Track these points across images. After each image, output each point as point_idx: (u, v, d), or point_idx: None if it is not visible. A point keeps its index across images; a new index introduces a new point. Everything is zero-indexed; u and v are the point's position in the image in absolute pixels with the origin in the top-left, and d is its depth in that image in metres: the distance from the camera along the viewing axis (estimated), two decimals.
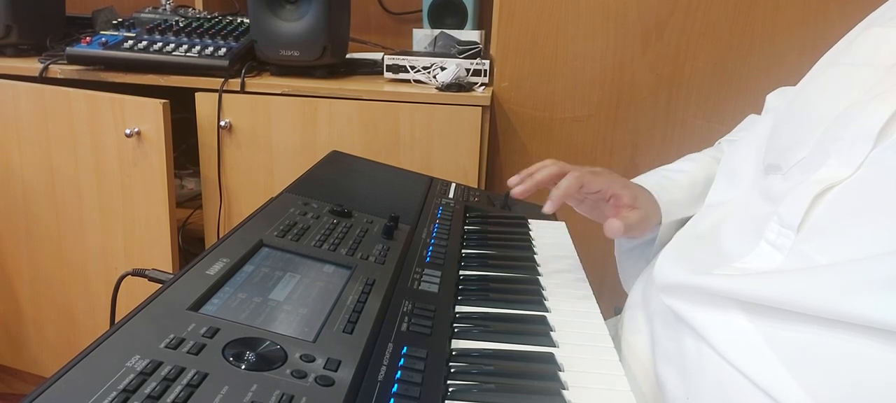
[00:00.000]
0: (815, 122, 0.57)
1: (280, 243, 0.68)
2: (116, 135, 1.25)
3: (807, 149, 0.57)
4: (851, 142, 0.52)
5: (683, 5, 1.27)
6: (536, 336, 0.62)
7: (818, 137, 0.56)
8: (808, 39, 1.24)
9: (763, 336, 0.50)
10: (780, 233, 0.55)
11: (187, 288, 0.55)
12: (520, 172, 0.79)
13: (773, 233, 0.55)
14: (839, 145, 0.53)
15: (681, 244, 0.69)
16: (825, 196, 0.52)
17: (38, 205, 1.37)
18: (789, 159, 0.58)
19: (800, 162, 0.57)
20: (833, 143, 0.53)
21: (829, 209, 0.51)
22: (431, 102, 1.26)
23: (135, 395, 0.41)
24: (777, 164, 0.60)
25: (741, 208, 0.65)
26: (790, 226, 0.54)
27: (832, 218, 0.51)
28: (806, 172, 0.55)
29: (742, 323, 0.52)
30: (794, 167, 0.57)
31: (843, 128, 0.53)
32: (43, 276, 1.43)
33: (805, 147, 0.57)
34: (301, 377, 0.46)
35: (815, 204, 0.52)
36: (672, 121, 1.33)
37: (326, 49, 1.30)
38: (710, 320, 0.55)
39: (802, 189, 0.54)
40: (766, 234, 0.56)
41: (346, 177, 1.02)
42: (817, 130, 0.56)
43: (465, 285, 0.72)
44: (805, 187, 0.53)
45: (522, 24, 1.33)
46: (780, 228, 0.55)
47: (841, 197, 0.51)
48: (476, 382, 0.53)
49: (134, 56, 1.33)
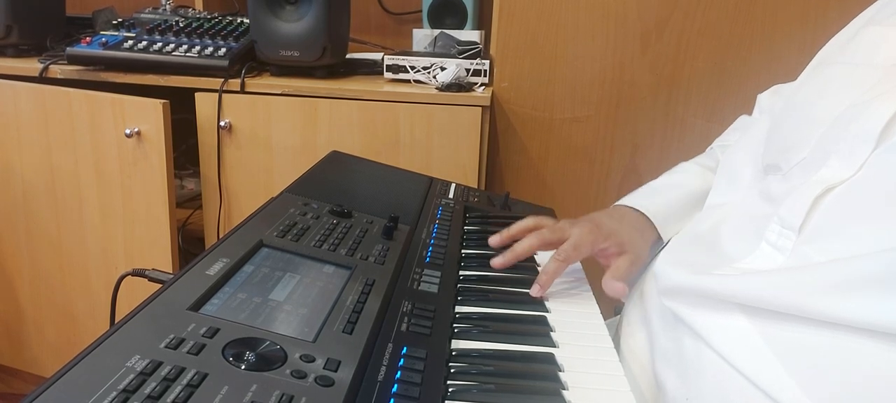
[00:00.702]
0: (814, 123, 0.57)
1: (280, 243, 0.68)
2: (116, 135, 1.26)
3: (807, 150, 0.56)
4: (853, 143, 0.52)
5: (683, 5, 1.27)
6: (536, 337, 0.62)
7: (818, 137, 0.56)
8: (807, 39, 1.24)
9: (762, 336, 0.50)
10: (780, 235, 0.54)
11: (187, 288, 0.55)
12: (501, 232, 0.78)
13: (773, 235, 0.55)
14: (840, 146, 0.53)
15: (680, 246, 0.69)
16: (826, 197, 0.52)
17: (38, 205, 1.37)
18: (789, 160, 0.58)
19: (800, 162, 0.57)
20: (834, 144, 0.53)
21: (830, 210, 0.51)
22: (431, 102, 1.26)
23: (135, 395, 0.41)
24: (777, 165, 0.60)
25: (740, 209, 0.65)
26: (791, 228, 0.53)
27: (834, 220, 0.51)
28: (806, 173, 0.55)
29: (742, 323, 0.52)
30: (795, 167, 0.57)
31: (844, 129, 0.53)
32: (43, 276, 1.43)
33: (805, 147, 0.57)
34: (301, 377, 0.46)
35: (816, 205, 0.52)
36: (672, 121, 1.33)
37: (326, 49, 1.30)
38: (710, 321, 0.55)
39: (803, 189, 0.53)
40: (766, 235, 0.56)
41: (346, 177, 1.02)
42: (817, 130, 0.56)
43: (464, 285, 0.72)
44: (806, 188, 0.53)
45: (522, 24, 1.33)
46: (780, 229, 0.55)
47: (842, 198, 0.51)
48: (476, 382, 0.53)
49: (134, 56, 1.33)
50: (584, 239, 0.72)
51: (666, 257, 0.67)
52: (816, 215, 0.52)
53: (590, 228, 0.73)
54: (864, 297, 0.44)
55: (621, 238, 0.73)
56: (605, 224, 0.74)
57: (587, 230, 0.73)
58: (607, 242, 0.72)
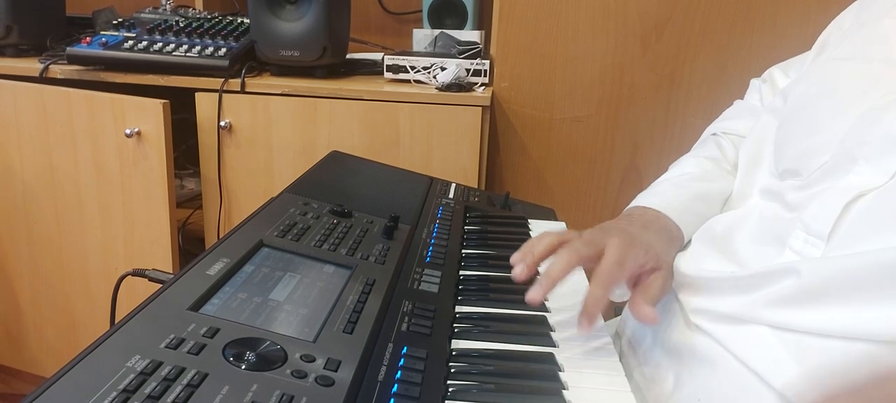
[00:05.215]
0: (832, 124, 0.55)
1: (280, 243, 0.68)
2: (116, 136, 1.25)
3: (828, 154, 0.54)
4: (882, 148, 0.49)
5: (683, 5, 1.27)
6: (536, 337, 0.62)
7: (840, 141, 0.53)
8: (807, 39, 1.23)
9: (780, 340, 0.50)
10: (807, 241, 0.52)
11: (187, 288, 0.55)
12: (522, 250, 0.63)
13: (799, 242, 0.53)
14: (867, 150, 0.50)
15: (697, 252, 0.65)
16: (856, 204, 0.50)
17: (38, 205, 1.37)
18: (808, 164, 0.55)
19: (821, 167, 0.54)
20: (859, 148, 0.51)
21: (861, 217, 0.49)
22: (431, 102, 1.26)
23: (135, 395, 0.41)
24: (795, 169, 0.57)
25: (756, 213, 0.62)
26: (819, 235, 0.51)
27: (864, 227, 0.49)
28: (830, 178, 0.53)
29: (761, 330, 0.51)
30: (816, 172, 0.54)
31: (868, 132, 0.51)
32: (43, 276, 1.43)
33: (826, 151, 0.54)
34: (301, 377, 0.46)
35: (844, 212, 0.50)
36: (672, 121, 1.33)
37: (326, 49, 1.30)
38: (730, 330, 0.54)
39: (830, 195, 0.51)
40: (790, 242, 0.53)
41: (346, 177, 1.02)
42: (836, 133, 0.54)
43: (465, 285, 0.72)
44: (833, 194, 0.51)
45: (522, 24, 1.33)
46: (806, 236, 0.52)
47: (874, 204, 0.49)
48: (476, 382, 0.53)
49: (134, 56, 1.33)
50: (626, 254, 0.59)
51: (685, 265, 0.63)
52: (846, 222, 0.50)
53: (627, 240, 0.60)
54: None
55: (657, 251, 0.62)
56: (639, 236, 0.62)
57: (626, 243, 0.60)
58: (647, 257, 0.61)
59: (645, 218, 0.67)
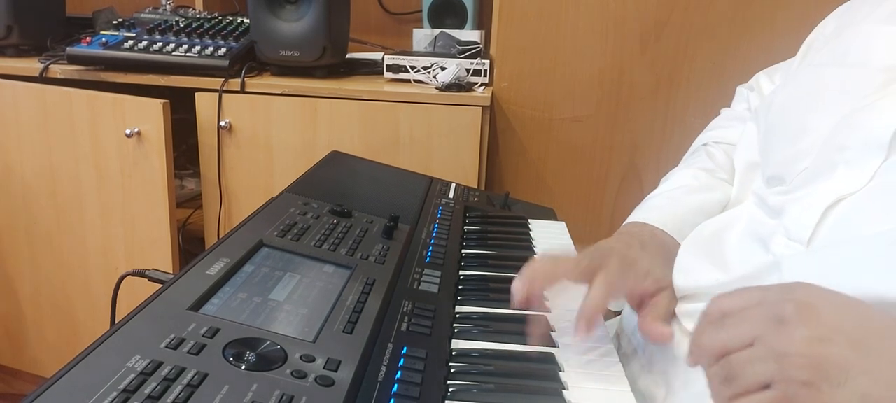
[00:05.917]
0: (813, 130, 0.55)
1: (280, 243, 0.68)
2: (117, 135, 1.26)
3: (809, 159, 0.54)
4: (861, 152, 0.49)
5: (682, 5, 1.27)
6: (536, 337, 0.62)
7: (820, 146, 0.53)
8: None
9: None
10: (787, 247, 0.52)
11: (187, 288, 0.55)
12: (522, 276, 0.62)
13: (779, 247, 0.53)
14: (847, 155, 0.50)
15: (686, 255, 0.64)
16: (835, 208, 0.50)
17: (38, 205, 1.37)
18: (791, 170, 0.56)
19: (803, 172, 0.54)
20: (838, 153, 0.51)
21: (840, 222, 0.49)
22: (431, 102, 1.26)
23: (135, 395, 0.41)
24: (779, 176, 0.58)
25: (744, 217, 0.62)
26: (799, 240, 0.51)
27: (844, 232, 0.49)
28: (811, 183, 0.53)
29: None
30: (798, 178, 0.55)
31: (848, 136, 0.51)
32: (43, 276, 1.43)
33: (807, 156, 0.54)
34: (301, 377, 0.47)
35: (824, 216, 0.50)
36: (671, 121, 1.33)
37: (326, 49, 1.30)
38: None
39: (810, 201, 0.51)
40: (773, 248, 0.54)
41: (346, 177, 1.02)
42: (816, 138, 0.54)
43: (465, 285, 0.72)
44: (813, 199, 0.51)
45: (522, 24, 1.33)
46: (787, 242, 0.52)
47: (853, 209, 0.49)
48: (476, 382, 0.53)
49: (134, 56, 1.33)
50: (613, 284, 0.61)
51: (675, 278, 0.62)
52: (825, 227, 0.50)
53: (623, 265, 0.62)
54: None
55: (657, 275, 0.63)
56: (640, 261, 0.63)
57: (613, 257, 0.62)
58: (647, 282, 0.62)
59: (642, 237, 0.67)
